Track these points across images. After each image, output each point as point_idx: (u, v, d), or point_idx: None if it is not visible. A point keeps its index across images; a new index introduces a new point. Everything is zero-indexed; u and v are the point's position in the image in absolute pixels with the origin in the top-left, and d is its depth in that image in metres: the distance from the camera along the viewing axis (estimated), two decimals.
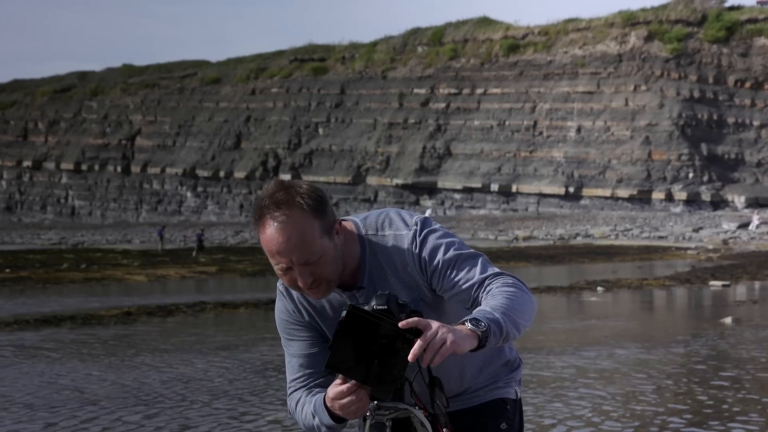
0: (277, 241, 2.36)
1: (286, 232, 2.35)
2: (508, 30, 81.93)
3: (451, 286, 2.46)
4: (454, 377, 2.58)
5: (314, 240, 2.38)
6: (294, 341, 2.61)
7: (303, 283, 2.40)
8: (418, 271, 2.49)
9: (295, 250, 2.36)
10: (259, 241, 2.45)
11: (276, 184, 2.42)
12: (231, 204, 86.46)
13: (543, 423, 7.01)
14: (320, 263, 2.40)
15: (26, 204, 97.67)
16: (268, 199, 2.38)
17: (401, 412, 2.34)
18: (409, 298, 2.49)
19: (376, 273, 2.52)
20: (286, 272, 2.42)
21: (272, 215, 2.36)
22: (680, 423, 6.94)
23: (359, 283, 2.51)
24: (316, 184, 2.61)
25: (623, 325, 13.28)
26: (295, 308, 2.60)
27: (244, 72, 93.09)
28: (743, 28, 72.13)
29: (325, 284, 2.43)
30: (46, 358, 10.68)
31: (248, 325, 14.28)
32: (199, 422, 7.21)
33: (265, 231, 2.38)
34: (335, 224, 2.44)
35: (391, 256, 2.51)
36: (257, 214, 2.41)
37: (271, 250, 2.39)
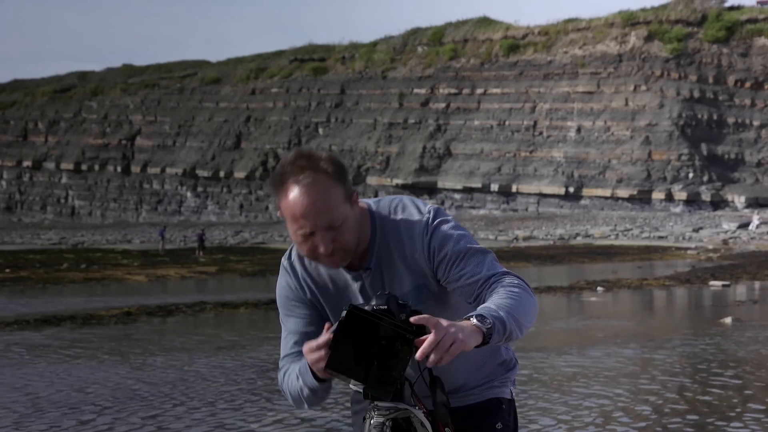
0: (302, 204, 2.37)
1: (311, 195, 2.37)
2: (508, 30, 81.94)
3: (457, 278, 2.47)
4: (450, 373, 2.58)
5: (338, 204, 2.40)
6: (292, 318, 2.60)
7: (324, 249, 2.40)
8: (425, 259, 2.50)
9: (320, 214, 2.38)
10: (278, 211, 2.47)
11: (296, 152, 2.45)
12: (231, 204, 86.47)
13: (543, 423, 7.01)
14: (342, 229, 2.41)
15: (26, 204, 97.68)
16: (290, 166, 2.41)
17: (401, 412, 2.34)
18: (413, 285, 2.51)
19: (384, 255, 2.53)
20: (307, 239, 2.41)
21: (296, 179, 2.38)
22: (680, 423, 6.94)
23: (367, 264, 2.53)
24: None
25: (623, 325, 13.28)
26: (297, 285, 2.60)
27: (244, 72, 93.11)
28: (743, 28, 72.14)
29: (343, 252, 2.44)
30: (54, 357, 10.68)
31: (248, 325, 14.28)
32: (199, 423, 7.21)
33: (288, 195, 2.40)
34: (354, 193, 2.48)
35: (402, 240, 2.52)
36: (279, 180, 2.43)
37: (295, 214, 2.39)
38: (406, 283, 2.52)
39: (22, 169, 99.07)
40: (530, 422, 7.00)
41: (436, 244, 2.49)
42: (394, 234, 2.53)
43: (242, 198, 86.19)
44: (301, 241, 2.43)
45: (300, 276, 2.60)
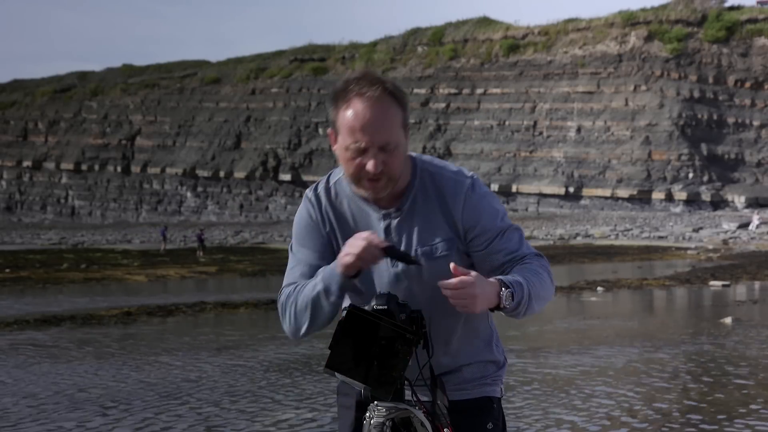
0: (363, 118, 2.39)
1: (374, 110, 2.40)
2: (508, 30, 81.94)
3: (494, 252, 2.53)
4: (444, 346, 2.58)
5: (396, 127, 2.44)
6: (305, 249, 2.59)
7: (373, 168, 2.41)
8: (460, 220, 2.53)
9: (378, 130, 2.40)
10: (334, 123, 2.47)
11: (363, 71, 2.50)
12: (231, 204, 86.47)
13: (545, 423, 7.01)
14: (393, 154, 2.43)
15: (26, 204, 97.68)
16: (356, 81, 2.44)
17: (401, 412, 2.34)
18: (446, 236, 2.52)
19: (421, 200, 2.55)
20: (357, 156, 2.42)
21: (362, 93, 2.40)
22: (680, 423, 6.94)
23: (399, 205, 2.53)
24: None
25: (623, 326, 13.28)
26: (319, 216, 2.59)
27: (244, 72, 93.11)
28: (743, 28, 72.15)
29: (387, 179, 2.45)
30: (55, 357, 10.68)
31: (249, 325, 14.28)
32: (201, 423, 7.21)
33: (350, 107, 2.41)
34: (408, 126, 2.51)
35: (444, 194, 2.54)
36: (341, 93, 2.44)
37: (353, 127, 2.40)
38: (439, 234, 2.53)
39: (22, 169, 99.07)
40: (531, 423, 7.00)
41: (477, 214, 2.53)
42: (436, 185, 2.56)
43: (242, 198, 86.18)
44: (350, 157, 2.43)
45: (323, 207, 2.59)
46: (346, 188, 2.58)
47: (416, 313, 2.31)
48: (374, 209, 2.54)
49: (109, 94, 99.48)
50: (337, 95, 2.45)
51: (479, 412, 2.64)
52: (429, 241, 2.52)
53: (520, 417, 7.15)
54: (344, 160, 2.46)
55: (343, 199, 2.58)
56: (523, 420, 7.06)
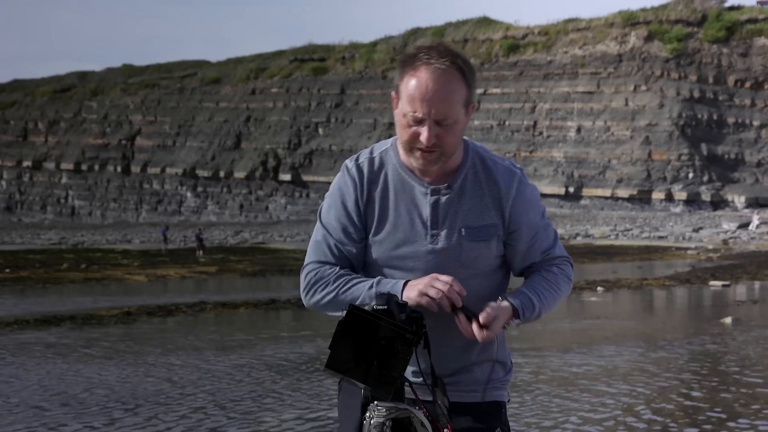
0: (426, 88, 2.38)
1: (439, 82, 2.38)
2: (508, 30, 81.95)
3: (532, 249, 2.58)
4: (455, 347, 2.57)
5: (457, 103, 2.41)
6: (335, 222, 2.54)
7: (426, 139, 2.40)
8: (508, 208, 2.54)
9: (438, 103, 2.38)
10: (395, 88, 2.46)
11: (437, 41, 2.47)
12: (231, 204, 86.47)
13: (544, 425, 7.01)
14: (449, 130, 2.42)
15: (26, 204, 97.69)
16: (428, 50, 2.42)
17: (401, 412, 2.34)
18: (490, 221, 2.52)
19: (472, 182, 2.54)
20: (413, 125, 2.41)
21: (430, 63, 2.38)
22: (680, 423, 6.94)
23: (451, 182, 2.51)
24: (317, 185, 2.65)
25: (623, 325, 13.28)
26: (358, 187, 2.54)
27: (244, 72, 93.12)
28: (743, 28, 72.15)
29: (439, 153, 2.44)
30: (55, 357, 10.68)
31: (249, 325, 14.28)
32: (203, 422, 7.21)
33: (415, 75, 2.40)
34: (471, 105, 2.48)
35: (496, 179, 2.55)
36: (409, 60, 2.43)
37: (414, 95, 2.39)
38: (486, 217, 2.53)
39: (22, 169, 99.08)
40: (532, 423, 7.00)
41: (525, 207, 2.56)
42: (486, 169, 2.56)
43: (242, 198, 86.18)
44: (406, 124, 2.42)
45: (364, 178, 2.54)
46: (394, 158, 2.55)
47: (416, 313, 2.31)
48: (420, 183, 2.52)
49: (109, 94, 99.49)
50: (406, 61, 2.44)
51: (488, 417, 2.62)
52: (475, 223, 2.52)
53: (522, 417, 7.15)
54: (400, 127, 2.45)
55: (388, 170, 2.54)
56: (525, 420, 7.06)
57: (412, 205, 2.51)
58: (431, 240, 2.49)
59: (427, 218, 2.49)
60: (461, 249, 2.50)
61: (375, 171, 2.54)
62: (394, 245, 2.49)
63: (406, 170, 2.53)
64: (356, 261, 2.55)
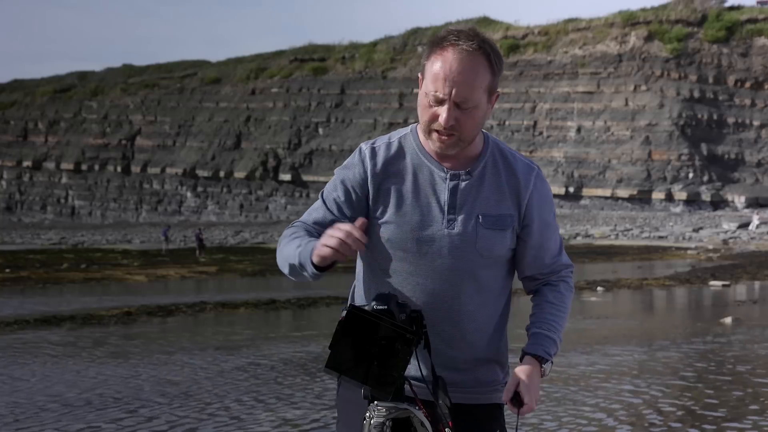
0: (451, 68, 2.37)
1: (463, 63, 2.37)
2: (508, 30, 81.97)
3: (543, 249, 2.59)
4: (472, 323, 2.56)
5: (480, 88, 2.40)
6: (334, 197, 2.53)
7: (445, 121, 2.39)
8: (525, 200, 2.54)
9: (461, 85, 2.37)
10: (422, 68, 2.46)
11: (470, 27, 2.46)
12: (231, 204, 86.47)
13: (547, 426, 7.01)
14: (469, 114, 2.41)
15: (26, 204, 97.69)
16: (458, 33, 2.41)
17: (401, 412, 2.33)
18: (507, 211, 2.52)
19: (491, 171, 2.53)
20: (434, 105, 2.41)
21: (457, 44, 2.38)
22: (680, 423, 6.94)
23: (471, 169, 2.51)
24: (317, 185, 2.65)
25: (623, 325, 13.28)
26: (373, 168, 2.52)
27: (244, 72, 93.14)
28: (743, 28, 72.16)
29: (457, 138, 2.43)
30: (56, 357, 10.68)
31: (249, 325, 14.27)
32: (204, 422, 7.21)
33: (441, 56, 2.39)
34: (496, 93, 2.48)
35: (515, 171, 2.55)
36: (438, 41, 2.42)
37: (437, 75, 2.38)
38: (504, 206, 2.52)
39: (22, 169, 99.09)
40: (534, 423, 7.00)
41: (541, 202, 2.57)
42: (505, 160, 2.56)
43: (242, 198, 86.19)
44: (427, 104, 2.42)
45: (381, 160, 2.52)
46: (413, 143, 2.54)
47: (416, 312, 2.31)
48: (440, 168, 2.50)
49: (109, 94, 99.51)
50: (435, 42, 2.44)
51: (489, 419, 2.61)
52: (493, 211, 2.51)
53: (524, 417, 7.14)
54: (422, 106, 2.44)
55: (407, 154, 2.53)
56: (527, 420, 7.06)
57: (431, 189, 2.50)
58: (448, 225, 2.48)
59: (445, 203, 2.48)
60: (477, 236, 2.49)
61: (392, 154, 2.53)
62: (410, 228, 2.48)
63: (426, 154, 2.52)
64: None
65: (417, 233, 2.47)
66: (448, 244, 2.47)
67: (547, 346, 2.50)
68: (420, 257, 2.48)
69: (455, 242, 2.48)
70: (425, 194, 2.49)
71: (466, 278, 2.48)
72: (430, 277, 2.48)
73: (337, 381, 2.63)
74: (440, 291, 2.49)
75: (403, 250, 2.48)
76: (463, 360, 2.56)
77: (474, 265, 2.48)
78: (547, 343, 2.50)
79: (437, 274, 2.48)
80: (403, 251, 2.49)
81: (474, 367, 2.59)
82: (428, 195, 2.49)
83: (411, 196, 2.49)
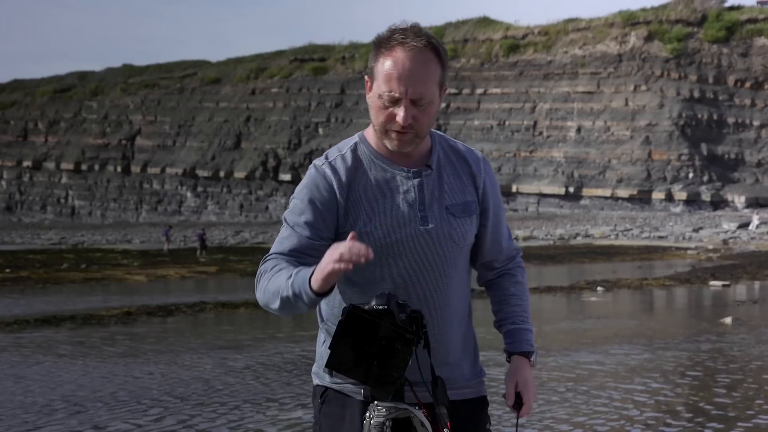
0: (404, 67, 2.38)
1: (415, 61, 2.38)
2: (508, 30, 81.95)
3: (497, 234, 2.63)
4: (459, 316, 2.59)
5: (432, 83, 2.42)
6: (304, 221, 2.46)
7: (402, 119, 2.39)
8: (481, 185, 2.58)
9: (415, 82, 2.38)
10: (369, 71, 2.46)
11: (412, 24, 2.46)
12: (231, 204, 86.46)
13: (545, 424, 7.01)
14: (425, 111, 2.42)
15: (26, 204, 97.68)
16: (403, 31, 2.42)
17: (401, 412, 2.33)
18: (470, 198, 2.55)
19: (444, 161, 2.57)
20: (390, 105, 2.41)
21: (407, 43, 2.39)
22: (680, 423, 6.94)
23: (429, 162, 2.53)
24: None
25: (623, 326, 13.28)
26: (335, 185, 2.47)
27: (244, 72, 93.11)
28: (743, 28, 72.15)
29: (414, 135, 2.44)
30: (55, 357, 10.68)
31: (249, 325, 14.28)
32: (204, 422, 7.21)
33: (391, 55, 2.40)
34: (445, 87, 2.49)
35: (465, 158, 2.59)
36: (385, 40, 2.42)
37: (390, 75, 2.39)
38: (468, 193, 2.56)
39: (22, 169, 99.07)
40: (533, 423, 6.99)
41: (492, 187, 2.62)
42: (453, 149, 2.60)
43: (242, 198, 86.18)
44: (381, 106, 2.42)
45: (343, 174, 2.48)
46: (366, 150, 2.53)
47: (416, 312, 2.31)
48: (400, 169, 2.50)
49: (109, 94, 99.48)
50: (380, 42, 2.43)
51: (481, 412, 2.62)
52: (459, 199, 2.54)
53: (530, 416, 7.14)
54: (375, 109, 2.44)
55: (362, 162, 2.51)
56: (522, 422, 7.06)
57: (397, 191, 2.49)
58: (421, 221, 2.48)
59: (415, 200, 2.48)
60: (451, 226, 2.51)
61: (350, 166, 2.50)
62: (386, 233, 2.46)
63: (381, 158, 2.51)
64: (319, 257, 2.44)
65: (395, 236, 2.46)
66: (425, 240, 2.48)
67: (529, 339, 2.57)
68: (403, 258, 2.47)
69: (433, 237, 2.49)
70: (393, 196, 2.48)
71: (448, 270, 2.51)
72: (414, 275, 2.48)
73: (320, 398, 2.58)
74: (426, 287, 2.49)
75: (386, 255, 2.46)
76: (453, 354, 2.57)
77: (453, 256, 2.52)
78: (527, 336, 2.57)
79: (420, 271, 2.49)
80: (386, 256, 2.46)
81: (461, 361, 2.60)
82: (396, 197, 2.48)
83: (380, 201, 2.48)
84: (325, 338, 2.60)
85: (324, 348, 2.57)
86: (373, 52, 2.45)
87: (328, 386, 2.57)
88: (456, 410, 2.51)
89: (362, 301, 2.30)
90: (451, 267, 2.52)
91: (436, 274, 2.50)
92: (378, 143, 2.52)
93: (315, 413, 2.63)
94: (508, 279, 2.66)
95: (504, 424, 6.89)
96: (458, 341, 2.58)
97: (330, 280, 2.23)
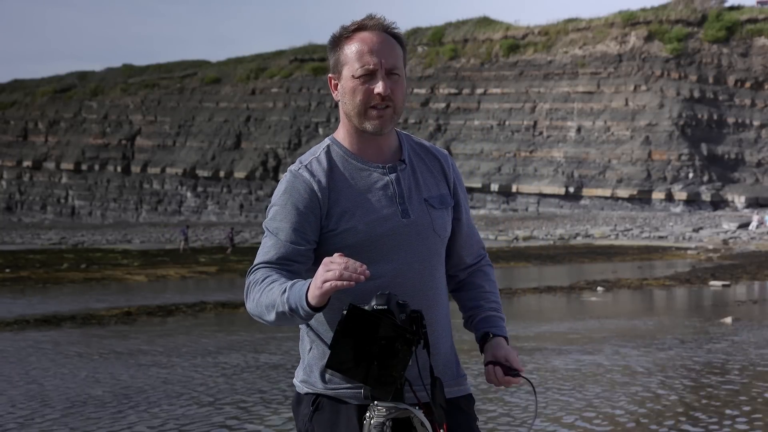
0: (372, 41, 2.45)
1: (381, 36, 2.47)
2: (508, 30, 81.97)
3: (469, 231, 2.68)
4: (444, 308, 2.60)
5: (400, 59, 2.50)
6: (288, 227, 2.45)
7: (383, 89, 2.43)
8: (451, 178, 2.64)
9: (388, 54, 2.45)
10: (334, 65, 2.53)
11: (369, 15, 2.54)
12: (231, 204, 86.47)
13: (544, 425, 7.01)
14: (399, 84, 2.47)
15: (26, 204, 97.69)
16: (359, 21, 2.50)
17: (401, 412, 2.33)
18: (444, 191, 2.60)
19: (415, 157, 2.61)
20: (366, 81, 2.45)
21: (367, 25, 2.48)
22: (680, 423, 6.94)
23: (402, 157, 2.57)
24: None
25: (623, 325, 13.28)
26: (317, 187, 2.47)
27: (244, 72, 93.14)
28: (743, 28, 72.17)
29: (392, 111, 2.48)
30: (57, 357, 10.68)
31: (249, 325, 14.28)
32: (204, 422, 7.21)
33: (356, 38, 2.47)
34: (405, 74, 2.58)
35: (433, 153, 2.66)
36: (343, 32, 2.51)
37: (362, 50, 2.44)
38: (441, 186, 2.60)
39: (22, 169, 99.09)
40: (532, 423, 6.99)
41: (459, 181, 2.68)
42: (421, 146, 2.65)
43: (242, 198, 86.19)
44: (357, 85, 2.45)
45: (321, 177, 2.49)
46: (339, 151, 2.55)
47: (416, 312, 2.31)
48: (374, 166, 2.53)
49: (109, 94, 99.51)
50: (338, 37, 2.50)
51: (470, 409, 2.63)
52: (435, 191, 2.58)
53: (520, 418, 7.15)
54: (351, 92, 2.46)
55: (337, 163, 2.52)
56: (521, 422, 7.06)
57: (375, 187, 2.50)
58: (403, 215, 2.50)
59: (394, 194, 2.51)
60: (431, 218, 2.54)
61: (326, 168, 2.51)
62: (369, 228, 2.46)
63: (356, 157, 2.53)
64: (306, 262, 2.48)
65: (378, 231, 2.47)
66: (410, 232, 2.50)
67: (504, 328, 2.64)
68: (388, 252, 2.48)
69: (415, 229, 2.51)
70: (372, 192, 2.50)
71: (433, 262, 2.54)
72: (400, 268, 2.48)
73: (311, 405, 2.54)
74: (413, 279, 2.50)
75: (370, 250, 2.46)
76: (443, 352, 2.58)
77: (435, 247, 2.55)
78: (503, 324, 2.64)
79: (407, 265, 2.49)
80: (371, 251, 2.46)
81: (449, 357, 2.61)
82: (375, 193, 2.50)
83: (359, 199, 2.49)
84: (310, 345, 2.55)
85: (311, 355, 2.55)
86: (333, 48, 2.52)
87: (320, 393, 2.52)
88: (449, 409, 2.51)
89: (348, 298, 2.29)
90: (435, 257, 2.55)
91: (422, 265, 2.51)
92: (351, 142, 2.54)
93: (303, 422, 2.54)
94: (481, 278, 2.71)
95: (528, 411, 6.89)
96: (447, 337, 2.60)
97: (328, 295, 2.23)
